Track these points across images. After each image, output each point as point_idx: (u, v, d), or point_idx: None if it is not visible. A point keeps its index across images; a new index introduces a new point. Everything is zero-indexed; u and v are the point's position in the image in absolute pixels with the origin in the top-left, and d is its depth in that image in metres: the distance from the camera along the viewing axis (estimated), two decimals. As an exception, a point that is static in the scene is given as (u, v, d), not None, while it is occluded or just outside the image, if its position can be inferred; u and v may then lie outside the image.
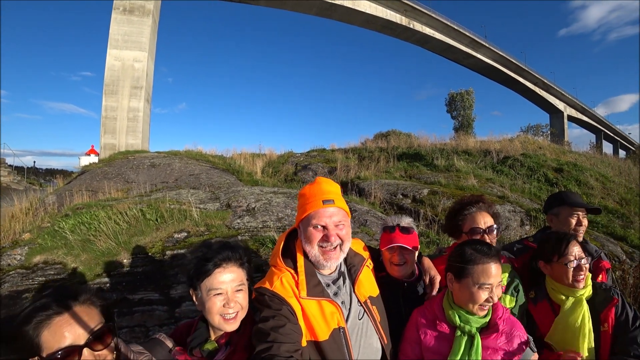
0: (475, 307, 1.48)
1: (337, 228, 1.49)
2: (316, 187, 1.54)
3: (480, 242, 1.61)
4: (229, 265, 1.42)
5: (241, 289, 1.43)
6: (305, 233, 1.49)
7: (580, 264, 1.74)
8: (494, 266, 1.48)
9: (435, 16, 31.33)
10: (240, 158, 12.49)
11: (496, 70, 40.57)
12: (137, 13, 17.40)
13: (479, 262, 1.49)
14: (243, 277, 1.46)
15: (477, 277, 1.47)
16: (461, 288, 1.52)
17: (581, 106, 54.11)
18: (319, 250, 1.47)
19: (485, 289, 1.46)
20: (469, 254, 1.52)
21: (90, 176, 9.76)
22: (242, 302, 1.42)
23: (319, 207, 1.47)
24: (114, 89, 16.84)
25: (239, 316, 1.41)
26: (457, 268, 1.54)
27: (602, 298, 1.75)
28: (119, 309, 2.94)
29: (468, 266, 1.50)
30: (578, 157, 13.24)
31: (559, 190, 4.34)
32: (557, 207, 2.28)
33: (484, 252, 1.51)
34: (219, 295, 1.37)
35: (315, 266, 1.51)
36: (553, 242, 1.83)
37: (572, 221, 2.19)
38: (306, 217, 1.49)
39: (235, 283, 1.42)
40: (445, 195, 7.23)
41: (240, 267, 1.46)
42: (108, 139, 16.69)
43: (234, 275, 1.42)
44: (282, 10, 26.53)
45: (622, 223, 7.31)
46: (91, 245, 3.88)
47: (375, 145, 14.97)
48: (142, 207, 4.68)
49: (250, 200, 5.28)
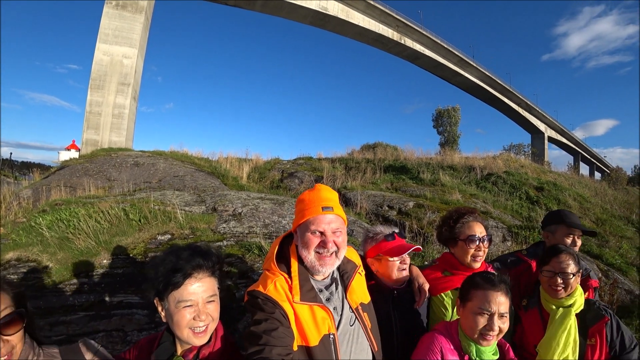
0: (476, 334, 1.49)
1: (335, 235, 1.50)
2: (316, 194, 1.55)
3: (491, 273, 1.65)
4: (200, 275, 1.32)
5: (213, 300, 1.34)
6: (302, 238, 1.50)
7: (555, 276, 1.84)
8: (496, 294, 1.50)
9: (426, 33, 32.11)
10: (226, 162, 12.36)
11: (482, 89, 41.75)
12: (130, 9, 17.17)
13: (482, 287, 1.53)
14: (215, 287, 1.37)
15: (478, 301, 1.50)
16: (464, 312, 1.56)
17: (561, 128, 56.13)
18: (316, 255, 1.48)
19: (485, 315, 1.48)
20: (477, 280, 1.57)
21: (70, 172, 9.47)
22: (213, 313, 1.34)
23: (318, 214, 1.48)
24: (101, 84, 16.47)
25: (209, 329, 1.32)
26: (463, 292, 1.60)
27: (593, 314, 1.84)
28: (97, 311, 2.82)
29: (471, 290, 1.55)
30: (557, 176, 13.67)
31: (558, 209, 4.44)
32: (554, 224, 2.34)
33: (490, 280, 1.55)
34: (189, 308, 1.27)
35: (310, 271, 1.52)
36: (544, 253, 1.97)
37: (567, 241, 2.25)
38: (304, 223, 1.50)
39: (207, 294, 1.32)
40: (430, 209, 7.31)
41: (212, 276, 1.37)
42: (91, 134, 16.26)
43: (206, 285, 1.32)
44: (276, 17, 26.70)
45: (598, 242, 7.55)
46: (69, 243, 3.73)
47: (362, 156, 15.06)
48: (125, 207, 4.55)
49: (237, 205, 5.20)
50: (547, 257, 1.92)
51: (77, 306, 2.90)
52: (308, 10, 24.97)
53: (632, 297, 4.90)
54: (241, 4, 23.94)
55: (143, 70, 19.33)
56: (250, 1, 23.57)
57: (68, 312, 2.82)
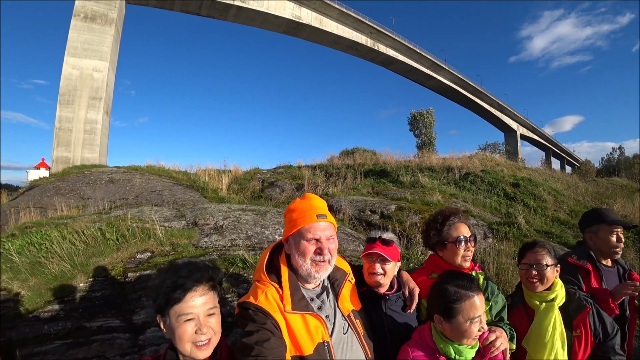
0: (469, 340, 1.50)
1: (329, 242, 1.53)
2: (308, 202, 1.58)
3: (457, 276, 1.61)
4: (199, 288, 1.33)
5: (214, 313, 1.34)
6: (298, 246, 1.51)
7: (530, 269, 1.90)
8: (478, 298, 1.51)
9: (398, 39, 32.85)
10: (205, 174, 12.16)
11: (455, 91, 42.99)
12: (99, 21, 16.78)
13: (465, 298, 1.50)
14: (215, 300, 1.38)
15: (466, 313, 1.48)
16: (453, 327, 1.51)
17: (532, 126, 58.40)
18: (312, 263, 1.50)
19: (477, 321, 1.49)
20: (454, 293, 1.51)
21: (40, 191, 9.08)
22: (215, 326, 1.34)
23: (313, 221, 1.51)
24: (70, 99, 15.96)
25: (212, 342, 1.32)
26: (444, 309, 1.53)
27: (575, 305, 1.89)
28: (75, 338, 2.68)
29: (456, 305, 1.49)
30: (532, 172, 14.15)
31: (593, 208, 4.43)
32: (595, 224, 2.35)
33: (466, 286, 1.53)
34: (190, 321, 1.28)
35: (304, 280, 1.53)
36: (521, 249, 2.05)
37: (612, 238, 2.26)
38: (299, 231, 1.52)
39: (207, 306, 1.33)
40: (412, 211, 7.40)
41: (211, 290, 1.38)
42: (61, 151, 15.68)
43: (205, 298, 1.33)
44: (249, 27, 26.69)
45: (574, 233, 7.83)
46: (42, 268, 3.55)
47: (342, 162, 15.14)
48: (101, 226, 4.38)
49: (218, 218, 5.11)
50: (524, 250, 2.00)
51: (53, 335, 2.74)
52: (282, 20, 25.12)
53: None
54: (214, 14, 23.83)
55: (115, 84, 18.89)
56: (223, 11, 23.50)
57: (43, 341, 2.66)
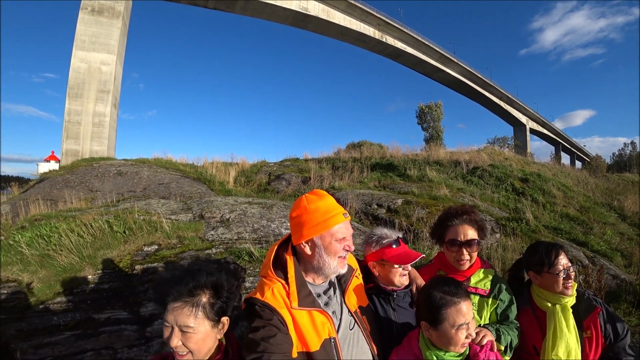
0: (456, 347, 1.46)
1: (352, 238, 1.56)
2: (330, 201, 1.55)
3: (445, 282, 1.57)
4: (177, 303, 1.25)
5: (187, 332, 1.23)
6: (328, 247, 1.49)
7: (568, 273, 1.79)
8: (465, 303, 1.47)
9: (407, 31, 32.38)
10: (212, 167, 12.20)
11: (464, 84, 42.37)
12: (106, 14, 16.79)
13: (451, 304, 1.45)
14: (194, 319, 1.24)
15: (452, 319, 1.44)
16: (439, 335, 1.47)
17: (542, 120, 57.41)
18: (338, 260, 1.51)
19: (463, 328, 1.44)
20: (439, 299, 1.47)
21: (49, 184, 9.19)
22: (192, 345, 1.23)
23: (342, 221, 1.51)
24: (79, 92, 16.06)
25: (193, 356, 1.25)
26: (430, 316, 1.49)
27: (585, 306, 1.82)
28: (83, 330, 2.72)
29: (441, 311, 1.45)
30: (541, 167, 13.94)
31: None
32: None
33: (452, 292, 1.48)
34: (167, 328, 1.25)
35: (321, 275, 1.53)
36: (542, 253, 1.87)
37: None
38: (329, 232, 1.50)
39: (181, 323, 1.23)
40: (419, 205, 7.35)
41: (191, 306, 1.25)
42: (71, 144, 15.84)
43: (180, 315, 1.24)
44: (257, 19, 26.53)
45: (583, 230, 7.74)
46: (51, 260, 3.60)
47: (349, 156, 15.02)
48: (109, 219, 4.42)
49: (225, 211, 5.12)
50: (550, 256, 1.83)
51: (62, 326, 2.78)
52: (289, 12, 24.88)
53: (618, 282, 5.02)
54: (221, 6, 23.69)
55: (123, 77, 18.97)
56: (230, 3, 23.35)
57: (53, 332, 2.71)
